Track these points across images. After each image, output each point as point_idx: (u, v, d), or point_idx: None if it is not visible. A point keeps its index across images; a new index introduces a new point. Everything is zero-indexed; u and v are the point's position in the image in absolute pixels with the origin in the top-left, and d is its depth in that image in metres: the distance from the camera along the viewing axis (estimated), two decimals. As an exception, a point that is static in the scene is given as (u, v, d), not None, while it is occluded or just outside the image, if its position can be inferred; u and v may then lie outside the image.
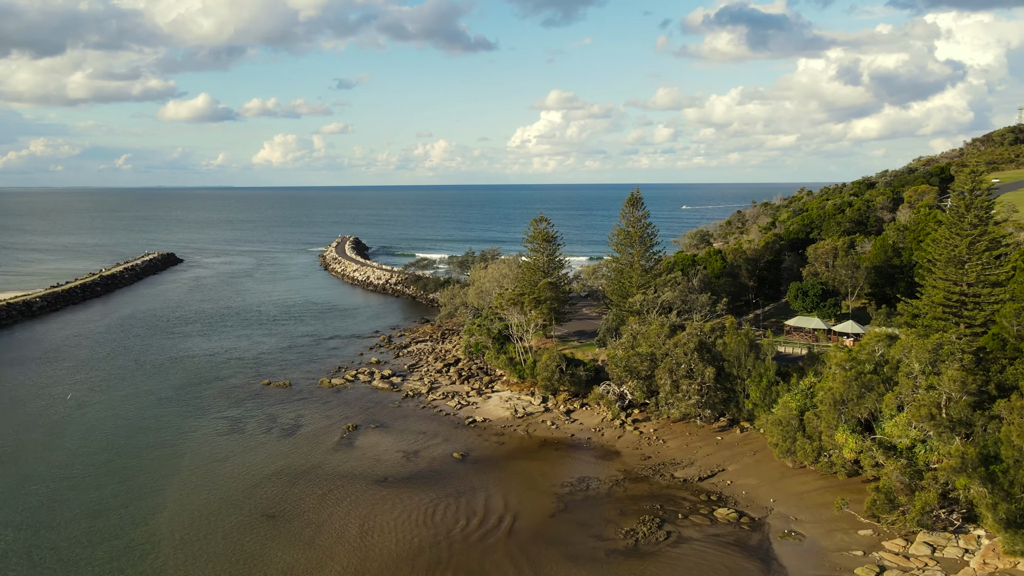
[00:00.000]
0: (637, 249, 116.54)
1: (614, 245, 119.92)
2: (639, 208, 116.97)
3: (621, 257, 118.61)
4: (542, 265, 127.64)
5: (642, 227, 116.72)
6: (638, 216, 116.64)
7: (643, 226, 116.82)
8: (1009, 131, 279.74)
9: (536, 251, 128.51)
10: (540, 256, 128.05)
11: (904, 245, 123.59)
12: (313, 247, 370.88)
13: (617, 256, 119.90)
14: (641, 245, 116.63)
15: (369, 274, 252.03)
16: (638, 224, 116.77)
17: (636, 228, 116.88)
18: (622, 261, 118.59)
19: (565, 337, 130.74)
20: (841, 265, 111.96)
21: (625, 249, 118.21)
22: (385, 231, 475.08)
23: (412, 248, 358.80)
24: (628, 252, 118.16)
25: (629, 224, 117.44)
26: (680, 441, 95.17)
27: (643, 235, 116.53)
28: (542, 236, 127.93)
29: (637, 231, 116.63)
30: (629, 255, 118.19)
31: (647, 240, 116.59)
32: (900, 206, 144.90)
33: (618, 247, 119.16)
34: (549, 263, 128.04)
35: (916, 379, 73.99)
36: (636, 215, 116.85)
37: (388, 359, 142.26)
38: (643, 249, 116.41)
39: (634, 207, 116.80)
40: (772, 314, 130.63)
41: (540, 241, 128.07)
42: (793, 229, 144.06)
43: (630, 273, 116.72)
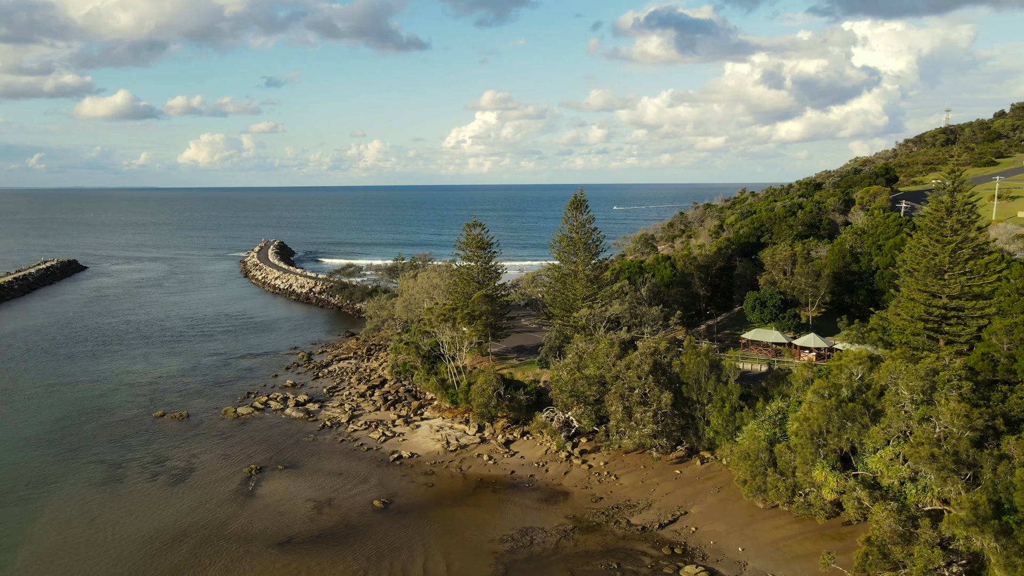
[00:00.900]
0: (582, 257, 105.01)
1: (556, 252, 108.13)
2: (583, 212, 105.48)
3: (564, 265, 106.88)
4: (476, 275, 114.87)
5: (587, 232, 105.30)
6: (582, 220, 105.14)
7: (588, 231, 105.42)
8: (940, 132, 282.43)
9: (470, 259, 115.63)
10: (474, 265, 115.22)
11: (862, 250, 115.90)
12: (235, 252, 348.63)
13: (559, 265, 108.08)
14: (586, 252, 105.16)
15: (292, 282, 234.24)
16: (582, 229, 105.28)
17: (580, 234, 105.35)
18: (565, 270, 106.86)
19: (503, 354, 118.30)
20: (801, 273, 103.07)
21: (568, 257, 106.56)
22: (314, 235, 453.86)
23: (342, 253, 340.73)
24: (571, 260, 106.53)
25: (573, 229, 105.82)
26: (634, 476, 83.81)
27: (588, 242, 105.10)
28: (476, 243, 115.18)
29: (581, 237, 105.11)
30: (573, 263, 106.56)
31: (592, 247, 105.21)
32: (852, 208, 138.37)
33: (561, 255, 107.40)
34: (484, 273, 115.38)
35: (907, 410, 64.27)
36: (580, 219, 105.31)
37: (306, 381, 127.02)
38: (588, 257, 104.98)
39: (578, 210, 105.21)
40: (725, 325, 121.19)
41: (474, 248, 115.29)
42: (743, 233, 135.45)
43: (574, 283, 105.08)
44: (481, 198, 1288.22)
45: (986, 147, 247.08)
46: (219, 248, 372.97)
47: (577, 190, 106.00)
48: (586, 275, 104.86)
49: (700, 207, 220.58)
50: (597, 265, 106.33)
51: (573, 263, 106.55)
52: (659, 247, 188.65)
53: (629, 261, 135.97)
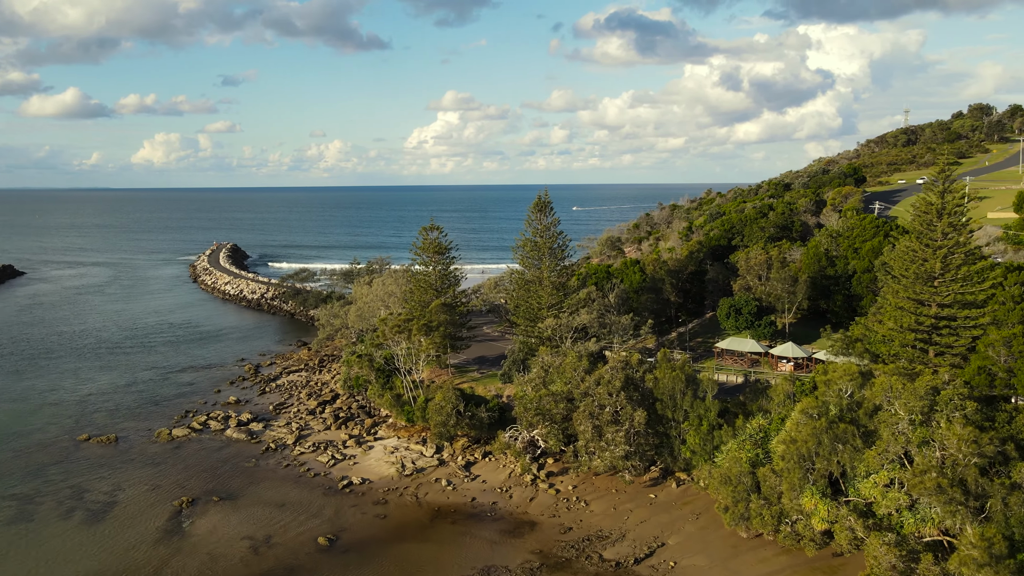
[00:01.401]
0: (546, 262, 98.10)
1: (519, 258, 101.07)
2: (547, 214, 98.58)
3: (528, 272, 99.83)
4: (434, 282, 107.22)
5: (552, 236, 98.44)
6: (547, 224, 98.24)
7: (553, 235, 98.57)
8: (901, 132, 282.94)
9: (426, 265, 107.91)
10: (431, 271, 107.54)
11: (838, 253, 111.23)
12: (185, 256, 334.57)
13: (523, 271, 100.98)
14: (551, 258, 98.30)
15: (243, 287, 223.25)
16: (547, 233, 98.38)
17: (545, 238, 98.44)
18: (529, 276, 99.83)
19: (463, 366, 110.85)
20: (777, 279, 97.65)
21: (532, 263, 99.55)
22: (270, 237, 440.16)
23: (298, 256, 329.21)
24: (536, 266, 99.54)
25: (537, 233, 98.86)
26: (606, 502, 77.16)
27: (553, 246, 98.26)
28: (433, 247, 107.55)
29: (546, 241, 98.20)
30: (537, 269, 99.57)
31: (558, 252, 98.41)
32: (824, 209, 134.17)
33: (524, 260, 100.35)
34: (442, 279, 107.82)
35: (904, 433, 58.59)
36: (544, 222, 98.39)
37: (251, 397, 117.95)
38: (553, 262, 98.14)
39: (542, 213, 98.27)
40: (698, 332, 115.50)
41: (431, 253, 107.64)
42: (714, 236, 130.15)
43: (538, 291, 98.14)
44: (443, 199, 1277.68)
45: (947, 147, 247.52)
46: (169, 251, 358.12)
47: (541, 191, 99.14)
48: (551, 282, 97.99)
49: (666, 208, 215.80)
50: (563, 271, 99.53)
51: (537, 269, 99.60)
52: (626, 249, 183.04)
53: (595, 265, 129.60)
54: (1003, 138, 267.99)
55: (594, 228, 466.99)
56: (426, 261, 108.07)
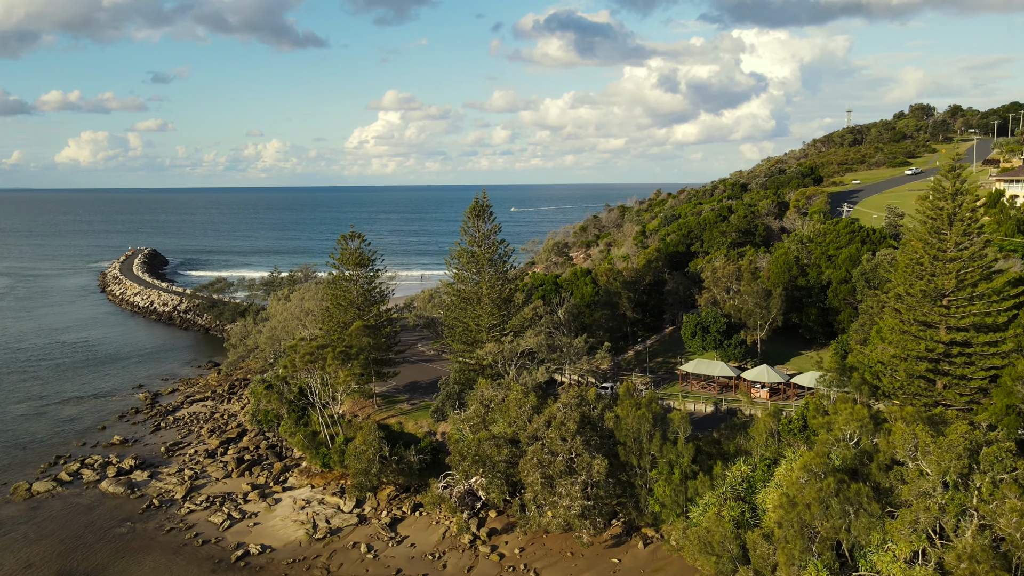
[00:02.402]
0: (486, 276, 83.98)
1: (455, 271, 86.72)
2: (486, 219, 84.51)
3: (464, 287, 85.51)
4: (355, 299, 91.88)
5: (492, 245, 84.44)
6: (486, 231, 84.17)
7: (493, 244, 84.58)
8: (848, 132, 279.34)
9: (347, 280, 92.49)
10: (352, 287, 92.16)
11: (810, 261, 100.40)
12: (98, 262, 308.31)
13: (459, 287, 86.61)
14: (492, 270, 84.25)
15: (154, 299, 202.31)
16: (486, 242, 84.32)
17: (484, 247, 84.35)
18: (466, 292, 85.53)
19: (392, 396, 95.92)
20: (749, 292, 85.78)
21: (470, 276, 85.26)
22: (194, 241, 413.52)
23: (221, 263, 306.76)
24: (474, 280, 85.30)
25: (474, 242, 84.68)
26: (560, 570, 63.56)
27: (493, 256, 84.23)
28: (355, 259, 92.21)
29: (485, 251, 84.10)
30: (475, 284, 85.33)
31: (499, 263, 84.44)
32: (787, 211, 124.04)
33: (460, 274, 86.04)
34: (365, 296, 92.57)
35: (935, 498, 46.59)
36: (483, 229, 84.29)
37: (142, 435, 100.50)
38: (495, 276, 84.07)
39: (480, 218, 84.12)
40: (657, 351, 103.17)
41: (352, 266, 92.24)
42: (671, 241, 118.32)
43: (477, 310, 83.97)
44: (383, 199, 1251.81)
45: (895, 147, 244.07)
46: (80, 258, 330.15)
47: (479, 192, 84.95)
48: (492, 299, 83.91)
49: (615, 209, 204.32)
50: (506, 285, 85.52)
51: (475, 284, 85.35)
52: (573, 255, 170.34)
53: (542, 275, 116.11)
54: (947, 138, 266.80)
55: (536, 230, 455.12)
56: (346, 275, 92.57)
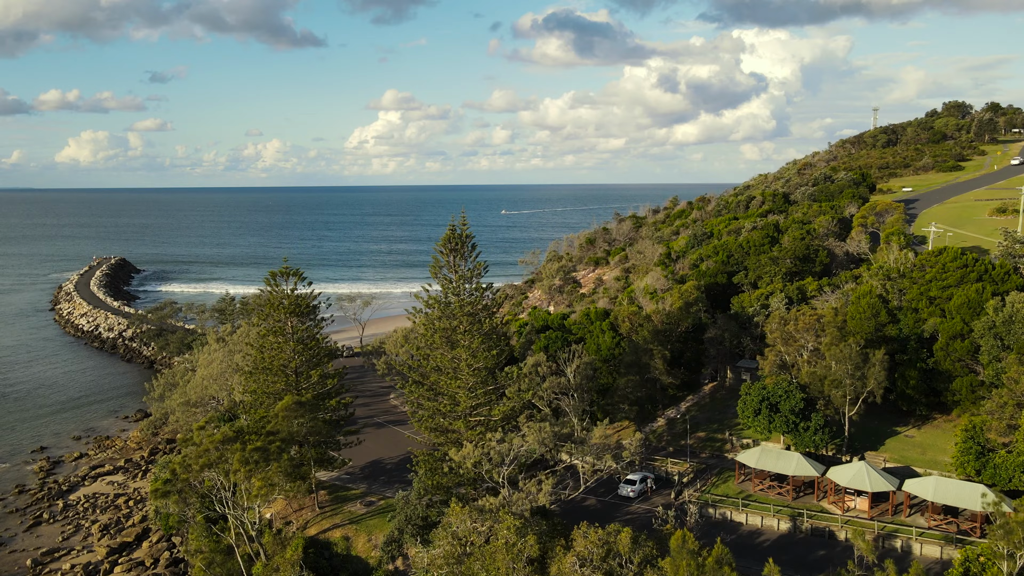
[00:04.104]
0: (466, 342, 58.52)
1: (423, 331, 61.31)
2: (467, 255, 59.36)
3: (437, 356, 60.01)
4: (287, 362, 66.71)
5: (475, 295, 59.15)
6: (465, 272, 58.96)
7: (476, 291, 59.34)
8: (881, 132, 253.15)
9: (278, 337, 67.21)
10: (284, 346, 66.93)
11: (903, 304, 75.26)
12: (61, 272, 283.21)
13: (427, 352, 61.15)
14: (472, 326, 58.86)
15: (100, 322, 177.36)
16: (466, 287, 59.13)
17: (464, 296, 59.11)
18: (436, 360, 60.08)
19: (342, 487, 71.00)
20: (837, 355, 60.60)
21: (442, 337, 59.77)
22: (173, 247, 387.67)
23: (195, 274, 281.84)
24: (447, 341, 59.84)
25: (451, 287, 59.54)
26: None
27: (476, 312, 58.91)
28: (289, 306, 66.92)
29: (465, 302, 58.84)
30: (449, 347, 59.91)
31: (485, 318, 59.07)
32: (851, 233, 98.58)
33: (429, 331, 60.56)
34: (303, 359, 67.35)
35: None
36: (463, 270, 59.12)
37: (14, 533, 75.97)
38: (478, 338, 58.66)
39: (457, 254, 58.98)
40: (697, 419, 78.01)
41: (285, 315, 66.97)
42: (709, 270, 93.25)
43: (452, 386, 58.55)
44: (379, 200, 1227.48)
45: (937, 149, 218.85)
46: (42, 267, 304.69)
47: (456, 220, 59.66)
48: (474, 370, 58.64)
49: (626, 220, 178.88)
50: (492, 349, 60.15)
51: (449, 346, 59.93)
52: (580, 274, 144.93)
53: (544, 315, 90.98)
54: (992, 138, 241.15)
55: (533, 236, 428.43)
56: (277, 328, 67.31)
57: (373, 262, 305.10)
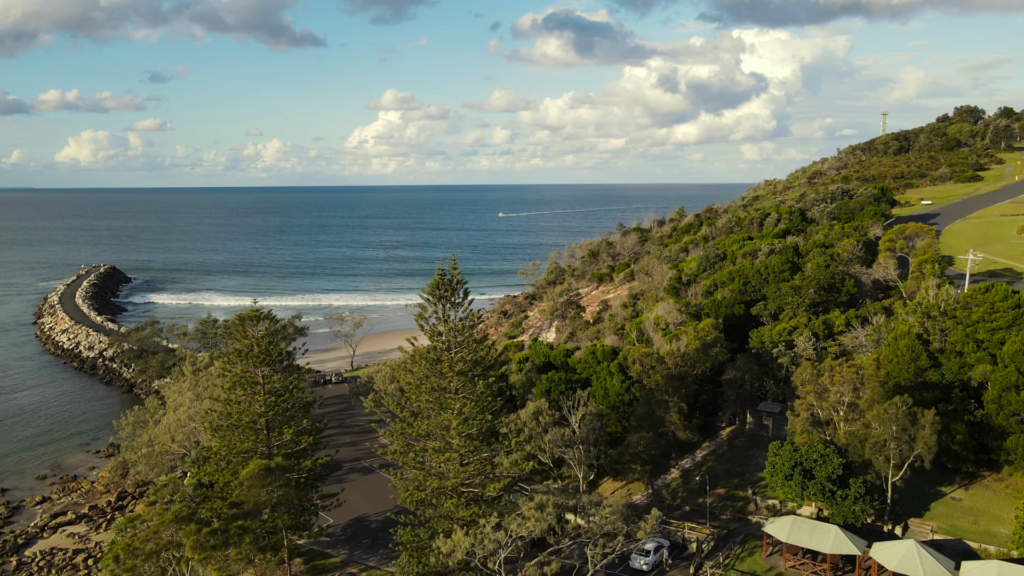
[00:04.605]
0: (458, 405, 50.80)
1: (409, 390, 53.59)
2: (458, 303, 51.70)
3: (423, 425, 52.18)
4: (257, 417, 59.05)
5: (466, 347, 51.47)
6: (457, 324, 51.35)
7: (468, 344, 51.63)
8: (893, 138, 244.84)
9: (247, 388, 59.50)
10: (254, 401, 59.23)
11: (944, 346, 67.70)
12: (49, 281, 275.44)
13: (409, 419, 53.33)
14: (465, 389, 51.14)
15: (81, 340, 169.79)
16: (458, 339, 51.44)
17: (456, 353, 51.37)
18: (424, 429, 52.27)
19: (320, 552, 63.34)
20: (882, 416, 53.03)
21: (428, 401, 52.04)
22: (166, 253, 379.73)
23: (188, 282, 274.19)
24: (434, 405, 52.16)
25: (441, 343, 51.72)
26: None
27: (470, 370, 51.20)
28: (259, 354, 59.23)
29: (456, 361, 51.12)
30: (439, 411, 52.20)
31: (479, 380, 51.26)
32: (878, 258, 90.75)
33: (415, 393, 52.80)
34: (275, 413, 59.68)
35: None
36: (454, 321, 51.45)
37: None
38: (471, 403, 50.89)
39: (446, 302, 51.35)
40: (716, 472, 70.44)
41: (254, 365, 59.27)
42: (725, 300, 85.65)
43: (440, 458, 50.84)
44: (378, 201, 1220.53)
45: (952, 156, 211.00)
46: (30, 276, 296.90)
47: (445, 263, 52.01)
48: (466, 438, 50.99)
49: (630, 233, 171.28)
50: (486, 412, 52.41)
51: (438, 409, 52.22)
52: (583, 293, 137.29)
53: (546, 350, 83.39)
54: (1008, 145, 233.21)
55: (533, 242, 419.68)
56: (245, 380, 59.66)
57: (369, 271, 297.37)
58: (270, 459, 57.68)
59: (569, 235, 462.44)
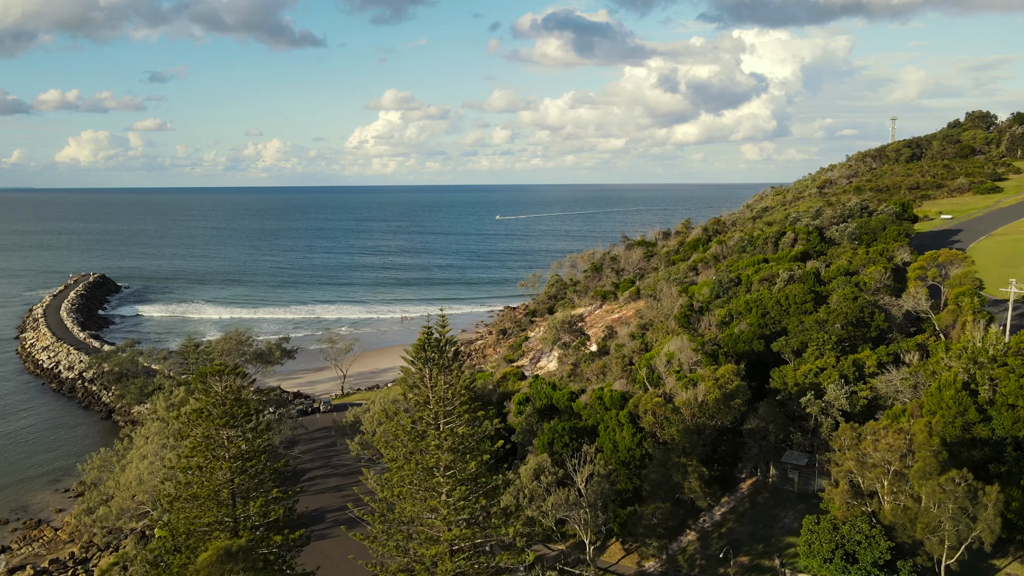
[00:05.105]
0: (447, 487, 43.58)
1: (394, 464, 46.35)
2: (447, 366, 44.46)
3: (406, 509, 44.86)
4: (219, 487, 51.83)
5: (456, 418, 44.26)
6: (446, 393, 44.10)
7: (458, 413, 44.39)
8: (905, 145, 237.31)
9: (208, 455, 52.27)
10: (216, 468, 51.94)
11: (998, 399, 60.50)
12: (37, 290, 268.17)
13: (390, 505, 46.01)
14: (456, 467, 43.97)
15: (61, 358, 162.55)
16: (446, 407, 44.18)
17: (446, 427, 44.14)
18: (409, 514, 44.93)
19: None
20: (937, 493, 45.97)
21: (412, 481, 44.75)
22: (159, 260, 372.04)
23: (182, 292, 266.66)
24: (423, 484, 44.91)
25: (428, 414, 44.45)
26: None
27: (462, 439, 44.04)
28: (221, 416, 51.97)
29: (446, 437, 43.87)
30: (426, 491, 44.92)
31: (471, 460, 44.04)
32: (908, 287, 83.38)
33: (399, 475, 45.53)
34: (250, 480, 52.43)
35: None
36: (442, 388, 44.17)
37: None
38: (463, 488, 43.60)
39: (434, 366, 44.11)
40: (737, 534, 63.29)
41: (220, 425, 52.02)
42: (743, 335, 78.51)
43: (427, 553, 43.54)
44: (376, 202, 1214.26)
45: (966, 164, 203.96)
46: (17, 285, 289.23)
47: (433, 320, 44.81)
48: (455, 526, 43.76)
49: (635, 247, 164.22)
50: (480, 492, 45.21)
51: (427, 488, 44.98)
52: (585, 313, 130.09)
53: (548, 390, 76.19)
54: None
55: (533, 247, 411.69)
56: (208, 443, 52.43)
57: (365, 279, 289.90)
58: (236, 534, 50.59)
59: (569, 239, 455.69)
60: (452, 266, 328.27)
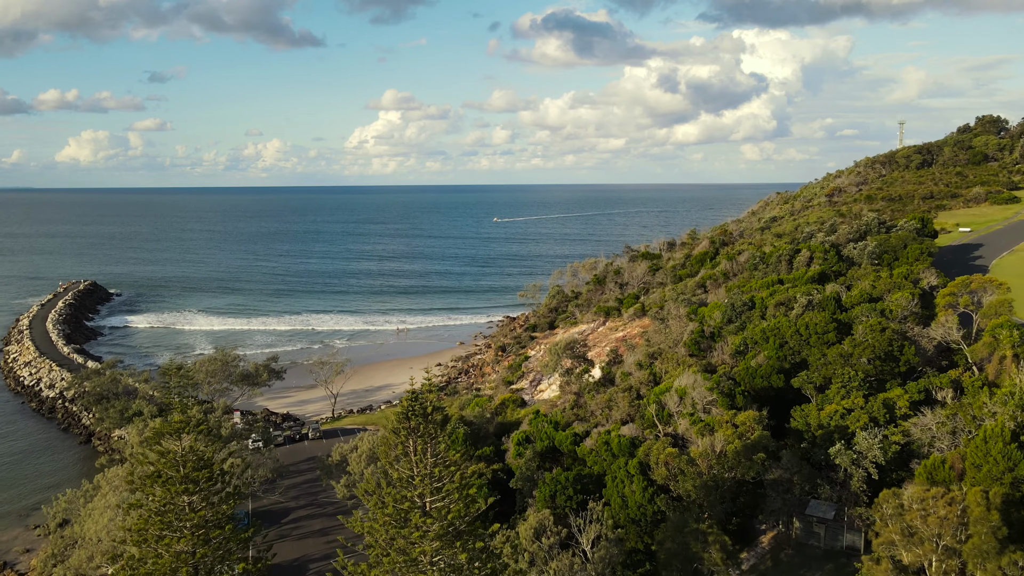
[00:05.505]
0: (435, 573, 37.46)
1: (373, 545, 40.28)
2: (435, 435, 38.28)
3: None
4: (186, 561, 45.67)
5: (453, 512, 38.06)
6: (432, 469, 37.97)
7: (448, 496, 38.25)
8: (915, 151, 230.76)
9: (168, 515, 46.18)
10: (180, 539, 45.83)
11: (1050, 453, 54.36)
12: (26, 299, 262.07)
13: None
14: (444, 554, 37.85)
15: (43, 375, 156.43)
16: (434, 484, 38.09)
17: (435, 510, 38.00)
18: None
19: None
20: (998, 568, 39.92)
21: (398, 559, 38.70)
22: (154, 265, 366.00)
23: (175, 301, 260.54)
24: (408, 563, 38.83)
25: (415, 495, 38.32)
26: None
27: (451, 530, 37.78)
28: (185, 482, 45.84)
29: (432, 521, 37.71)
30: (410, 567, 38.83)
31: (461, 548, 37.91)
32: (937, 315, 77.40)
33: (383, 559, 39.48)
34: (215, 552, 46.29)
35: None
36: (428, 463, 38.04)
37: None
38: None
39: (420, 437, 37.90)
40: (760, 605, 57.12)
41: (176, 494, 45.92)
42: (760, 370, 72.52)
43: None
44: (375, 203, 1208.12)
45: (979, 171, 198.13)
46: (5, 293, 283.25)
47: (420, 386, 38.67)
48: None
49: (639, 259, 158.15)
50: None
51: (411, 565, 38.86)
52: (587, 333, 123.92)
53: (549, 429, 70.12)
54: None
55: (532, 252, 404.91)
56: (166, 509, 46.40)
57: (361, 287, 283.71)
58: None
59: (569, 243, 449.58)
60: (450, 272, 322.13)
